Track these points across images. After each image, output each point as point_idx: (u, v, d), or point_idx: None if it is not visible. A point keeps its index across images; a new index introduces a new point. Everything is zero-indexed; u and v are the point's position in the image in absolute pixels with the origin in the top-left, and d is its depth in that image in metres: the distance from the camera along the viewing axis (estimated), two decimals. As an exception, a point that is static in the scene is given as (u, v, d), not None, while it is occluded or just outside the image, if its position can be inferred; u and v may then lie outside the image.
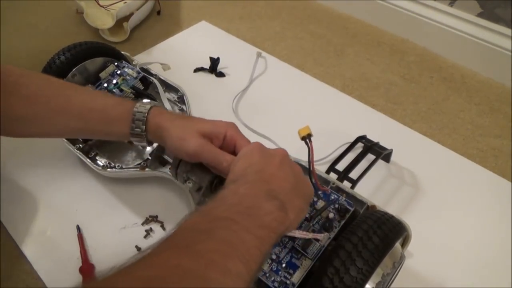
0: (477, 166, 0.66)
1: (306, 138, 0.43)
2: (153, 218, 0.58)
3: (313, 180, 0.44)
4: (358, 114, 0.74)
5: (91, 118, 0.48)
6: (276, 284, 0.42)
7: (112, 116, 0.48)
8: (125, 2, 0.90)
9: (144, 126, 0.47)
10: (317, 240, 0.43)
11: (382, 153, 0.60)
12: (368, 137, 0.62)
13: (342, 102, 0.77)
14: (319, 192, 0.48)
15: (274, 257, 0.44)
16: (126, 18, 0.91)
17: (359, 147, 0.61)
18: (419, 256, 0.53)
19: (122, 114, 0.47)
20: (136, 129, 0.47)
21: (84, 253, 0.54)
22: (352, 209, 0.46)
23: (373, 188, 0.62)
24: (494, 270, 0.54)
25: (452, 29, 0.84)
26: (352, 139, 0.62)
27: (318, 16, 1.00)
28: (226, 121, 0.48)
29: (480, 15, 0.82)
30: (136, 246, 0.55)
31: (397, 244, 0.41)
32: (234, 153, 0.46)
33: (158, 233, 0.57)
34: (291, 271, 0.42)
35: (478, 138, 0.71)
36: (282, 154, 0.41)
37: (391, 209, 0.46)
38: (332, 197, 0.48)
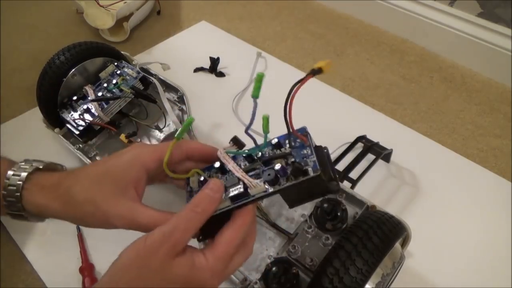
0: (477, 166, 0.66)
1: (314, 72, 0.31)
2: (153, 218, 0.58)
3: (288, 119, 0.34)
4: (358, 114, 0.74)
5: None
6: None
7: None
8: (125, 2, 0.90)
9: (20, 205, 0.33)
10: (246, 188, 0.34)
11: (382, 153, 0.60)
12: (368, 137, 0.62)
13: (342, 102, 0.77)
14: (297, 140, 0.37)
15: None
16: (126, 18, 0.91)
17: (359, 147, 0.61)
18: (419, 256, 0.53)
19: None
20: (13, 209, 0.33)
21: (84, 253, 0.54)
22: (312, 175, 0.32)
23: (373, 188, 0.62)
24: (494, 270, 0.54)
25: (452, 29, 0.84)
26: (352, 139, 0.62)
27: (318, 16, 1.00)
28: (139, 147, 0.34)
29: (480, 15, 0.82)
30: (136, 246, 0.55)
31: (397, 244, 0.41)
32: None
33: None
34: None
35: (478, 138, 0.71)
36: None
37: (391, 209, 0.46)
38: (304, 151, 0.35)
